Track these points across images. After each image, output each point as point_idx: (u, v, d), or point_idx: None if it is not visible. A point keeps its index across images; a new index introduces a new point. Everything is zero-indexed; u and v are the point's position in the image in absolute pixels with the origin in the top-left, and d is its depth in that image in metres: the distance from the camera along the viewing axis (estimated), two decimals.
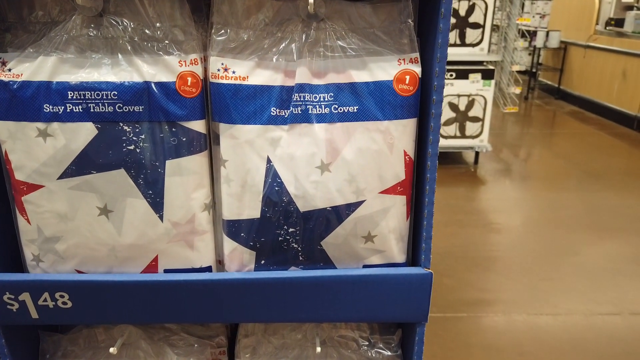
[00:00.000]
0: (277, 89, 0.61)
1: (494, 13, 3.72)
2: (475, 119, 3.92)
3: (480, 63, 3.81)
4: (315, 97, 0.61)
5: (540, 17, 6.49)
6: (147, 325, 0.78)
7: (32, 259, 0.67)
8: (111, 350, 0.72)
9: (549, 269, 2.79)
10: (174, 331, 0.78)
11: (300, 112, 0.61)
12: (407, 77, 0.60)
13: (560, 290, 2.58)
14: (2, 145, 0.63)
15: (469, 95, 3.85)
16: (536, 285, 2.66)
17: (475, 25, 3.69)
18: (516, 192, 3.84)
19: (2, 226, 0.70)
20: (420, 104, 0.63)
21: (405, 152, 0.63)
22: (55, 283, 0.66)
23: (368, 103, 0.61)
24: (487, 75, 3.88)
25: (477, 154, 4.09)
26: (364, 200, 0.64)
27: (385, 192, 0.64)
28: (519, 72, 4.23)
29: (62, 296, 0.66)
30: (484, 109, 3.93)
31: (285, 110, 0.61)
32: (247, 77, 0.61)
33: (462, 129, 3.97)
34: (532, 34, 6.22)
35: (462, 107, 3.86)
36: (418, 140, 0.65)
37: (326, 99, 0.61)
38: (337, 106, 0.61)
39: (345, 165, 0.62)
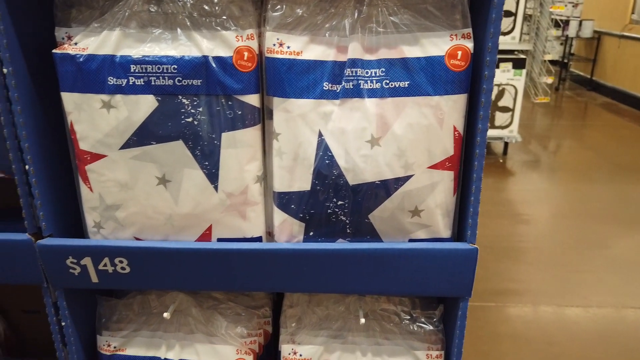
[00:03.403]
0: (330, 64, 0.63)
1: (526, 1, 3.65)
2: (505, 109, 3.86)
3: (511, 52, 3.74)
4: (367, 73, 0.62)
5: (573, 6, 6.31)
6: (197, 294, 0.81)
7: (93, 226, 0.71)
8: (165, 315, 0.75)
9: (579, 261, 2.75)
10: (221, 301, 0.81)
11: (351, 87, 0.63)
12: (459, 53, 0.61)
13: (590, 283, 2.54)
14: (68, 116, 0.66)
15: (499, 85, 3.80)
16: (566, 277, 2.63)
17: (507, 13, 3.61)
18: (545, 184, 3.78)
19: (65, 195, 0.73)
20: (471, 80, 0.64)
21: (454, 128, 0.64)
22: (115, 249, 0.69)
23: (419, 78, 0.62)
24: (518, 64, 3.81)
25: (506, 144, 4.03)
26: (412, 175, 0.65)
27: (434, 167, 0.65)
28: (550, 61, 4.14)
29: (121, 262, 0.70)
30: (514, 99, 3.87)
31: (337, 85, 0.63)
32: (301, 52, 0.62)
33: (491, 119, 3.92)
34: (565, 24, 6.06)
35: (492, 97, 3.80)
36: (467, 117, 0.65)
37: (378, 74, 0.62)
38: (388, 81, 0.62)
39: (395, 140, 0.64)
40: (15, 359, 0.99)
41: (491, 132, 3.94)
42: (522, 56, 3.83)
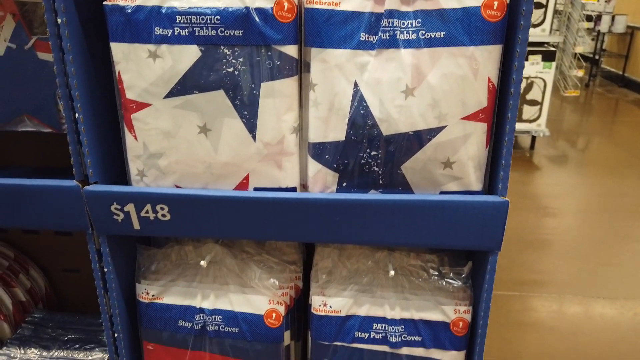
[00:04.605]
0: (367, 15, 0.64)
1: None
2: (533, 103, 3.81)
3: (541, 44, 3.68)
4: (403, 23, 0.64)
5: (606, 1, 6.16)
6: (232, 247, 0.84)
7: (136, 174, 0.75)
8: (202, 262, 0.78)
9: (606, 254, 2.70)
10: (254, 254, 0.84)
11: (388, 37, 0.64)
12: (495, 3, 0.62)
13: (618, 276, 2.50)
14: (116, 66, 0.69)
15: (527, 78, 3.74)
16: (593, 270, 2.59)
17: (537, 5, 3.56)
18: (573, 178, 3.71)
19: (111, 144, 0.77)
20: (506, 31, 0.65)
21: (489, 79, 0.65)
22: (157, 196, 0.72)
23: (455, 29, 0.63)
24: (548, 56, 3.75)
25: (533, 138, 3.97)
26: (446, 126, 0.67)
27: (467, 118, 0.67)
28: (580, 55, 4.06)
29: (162, 208, 0.73)
30: (543, 92, 3.81)
31: (374, 36, 0.65)
32: (339, 2, 0.64)
33: (519, 112, 3.87)
34: (597, 18, 5.92)
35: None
36: (502, 68, 0.66)
37: (414, 25, 0.64)
38: (424, 32, 0.64)
39: (430, 90, 0.65)
40: (55, 312, 1.04)
41: (518, 126, 3.89)
42: (552, 48, 3.76)
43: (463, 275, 0.78)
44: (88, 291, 1.12)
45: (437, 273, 0.79)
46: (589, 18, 4.54)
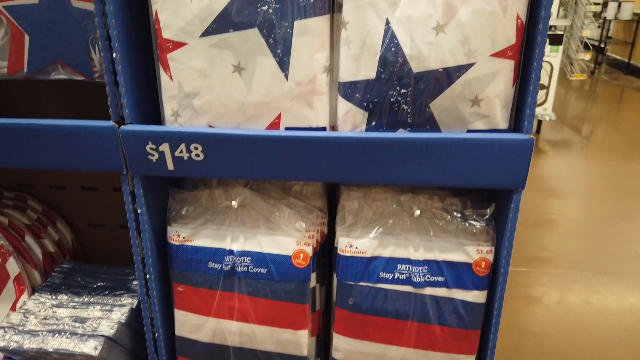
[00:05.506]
0: None
1: None
2: (540, 87, 3.81)
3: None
4: None
5: None
6: (259, 192, 0.87)
7: (171, 115, 0.77)
8: (233, 203, 0.81)
9: (612, 233, 2.73)
10: (281, 199, 0.87)
11: None
12: None
13: (624, 253, 2.53)
14: (153, 5, 0.71)
15: None
16: (599, 247, 2.61)
17: None
18: (579, 161, 3.73)
19: (146, 86, 0.79)
20: None
21: (517, 16, 0.67)
22: (192, 134, 0.75)
23: None
24: (555, 40, 3.75)
25: (539, 122, 3.99)
26: (475, 63, 0.69)
27: (496, 55, 0.69)
28: (586, 43, 4.05)
29: (196, 148, 0.75)
30: (550, 76, 3.81)
31: None
32: None
33: None
34: (603, 5, 5.91)
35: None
36: (529, 5, 0.68)
37: None
38: None
39: (460, 27, 0.67)
40: (83, 263, 1.06)
41: None
42: (559, 32, 3.76)
43: (486, 217, 0.80)
44: (113, 246, 1.15)
45: (460, 215, 0.82)
46: (596, 2, 4.53)
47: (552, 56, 3.77)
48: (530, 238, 2.68)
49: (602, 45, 6.31)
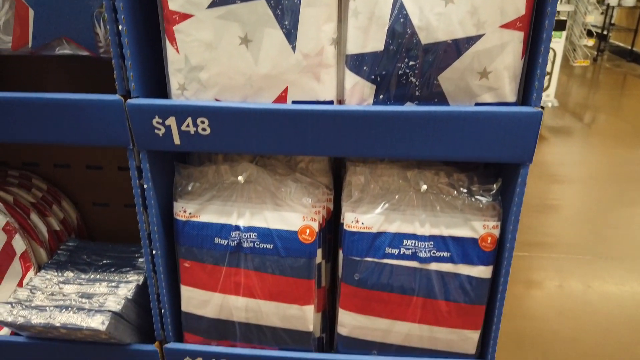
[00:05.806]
0: None
1: None
2: None
3: None
4: None
5: None
6: (265, 168, 0.87)
7: (177, 88, 0.76)
8: (239, 178, 0.81)
9: (614, 218, 2.73)
10: (287, 175, 0.86)
11: None
12: None
13: (625, 238, 2.53)
14: None
15: None
16: (600, 232, 2.62)
17: None
18: (581, 148, 3.73)
19: (152, 59, 0.79)
20: None
21: None
22: (198, 108, 0.74)
23: None
24: (558, 26, 3.72)
25: (542, 108, 3.97)
26: (484, 34, 0.68)
27: (505, 26, 0.68)
28: (589, 31, 4.02)
29: (202, 122, 0.75)
30: (553, 62, 3.79)
31: None
32: None
33: None
34: None
35: None
36: None
37: None
38: None
39: None
40: (88, 241, 1.07)
41: None
42: (563, 17, 3.73)
43: (493, 192, 0.80)
44: (117, 225, 1.16)
45: (466, 191, 0.82)
46: None
47: (555, 42, 3.74)
48: (532, 223, 2.69)
49: (605, 33, 6.27)
